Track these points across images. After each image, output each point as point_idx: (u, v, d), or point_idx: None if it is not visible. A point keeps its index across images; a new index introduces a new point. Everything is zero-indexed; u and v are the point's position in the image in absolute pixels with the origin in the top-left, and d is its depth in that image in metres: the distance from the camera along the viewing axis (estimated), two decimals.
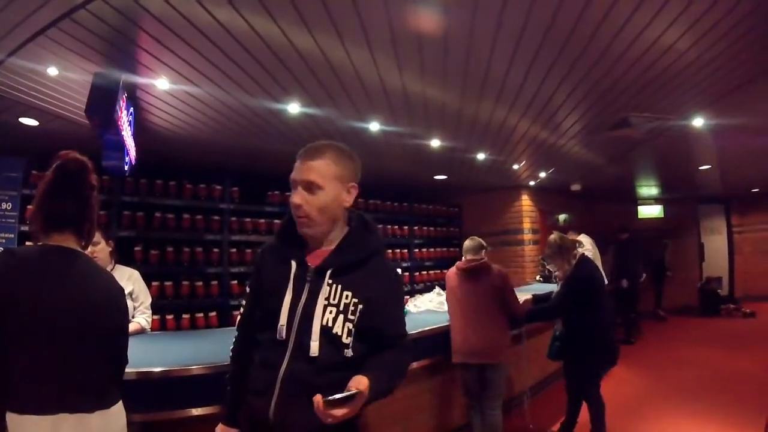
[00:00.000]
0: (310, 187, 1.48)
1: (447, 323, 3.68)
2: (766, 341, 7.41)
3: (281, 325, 1.45)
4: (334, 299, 1.45)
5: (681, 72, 3.54)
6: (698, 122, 4.73)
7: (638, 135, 5.14)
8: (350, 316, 1.45)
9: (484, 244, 3.72)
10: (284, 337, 1.44)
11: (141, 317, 3.15)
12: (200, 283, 5.57)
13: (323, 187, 1.48)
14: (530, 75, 3.53)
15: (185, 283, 5.48)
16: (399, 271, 1.72)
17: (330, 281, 1.47)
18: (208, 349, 2.78)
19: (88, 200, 1.57)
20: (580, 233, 7.41)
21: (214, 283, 5.68)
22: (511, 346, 3.84)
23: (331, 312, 1.44)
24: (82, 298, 1.47)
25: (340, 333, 1.43)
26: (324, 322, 1.43)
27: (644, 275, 8.42)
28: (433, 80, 3.59)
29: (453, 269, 3.79)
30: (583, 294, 3.66)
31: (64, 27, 2.55)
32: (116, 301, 1.61)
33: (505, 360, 3.58)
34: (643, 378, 5.77)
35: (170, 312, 5.16)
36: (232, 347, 1.67)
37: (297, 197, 1.49)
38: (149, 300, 3.23)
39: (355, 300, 1.46)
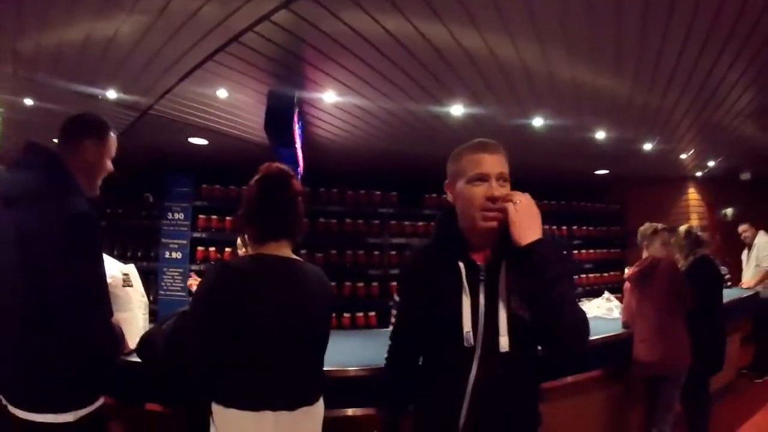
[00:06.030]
0: (505, 180, 1.40)
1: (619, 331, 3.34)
2: None
3: (467, 332, 1.35)
4: (515, 286, 1.36)
5: None
6: None
7: None
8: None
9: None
10: (472, 343, 1.35)
11: None
12: (361, 284, 5.85)
13: (509, 182, 1.41)
14: (702, 58, 3.10)
15: (347, 284, 5.79)
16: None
17: (505, 271, 1.37)
18: (368, 350, 2.83)
19: (296, 208, 1.60)
20: (758, 229, 6.25)
21: (375, 284, 5.92)
22: None
23: (515, 300, 1.35)
24: (293, 305, 1.50)
25: (527, 316, 1.32)
26: (511, 311, 1.35)
27: None
28: (604, 69, 3.29)
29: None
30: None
31: (231, 50, 2.70)
32: (325, 307, 1.64)
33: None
34: None
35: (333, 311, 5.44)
36: (387, 357, 1.65)
37: (498, 190, 1.36)
38: None
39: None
